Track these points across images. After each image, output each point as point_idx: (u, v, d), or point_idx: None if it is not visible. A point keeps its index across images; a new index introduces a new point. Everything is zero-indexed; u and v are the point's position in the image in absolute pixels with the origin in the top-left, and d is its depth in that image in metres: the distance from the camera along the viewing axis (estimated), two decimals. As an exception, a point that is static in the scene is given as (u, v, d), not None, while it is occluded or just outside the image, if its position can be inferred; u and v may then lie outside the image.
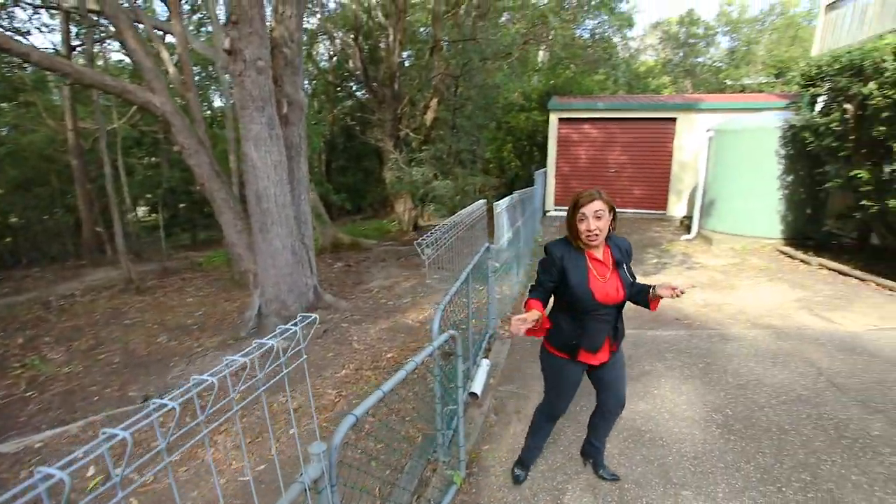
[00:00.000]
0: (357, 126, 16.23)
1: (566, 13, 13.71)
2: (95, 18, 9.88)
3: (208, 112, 16.68)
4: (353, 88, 19.18)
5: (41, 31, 12.95)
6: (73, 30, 12.08)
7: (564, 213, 2.15)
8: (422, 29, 15.41)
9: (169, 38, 9.99)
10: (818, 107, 7.13)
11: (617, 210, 2.01)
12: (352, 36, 13.73)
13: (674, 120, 11.48)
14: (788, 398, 3.22)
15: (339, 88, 18.78)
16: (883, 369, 3.56)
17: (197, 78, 14.45)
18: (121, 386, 4.74)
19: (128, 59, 11.16)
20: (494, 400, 3.46)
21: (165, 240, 12.25)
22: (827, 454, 2.62)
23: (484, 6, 13.10)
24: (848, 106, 6.11)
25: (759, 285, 5.94)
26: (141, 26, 7.47)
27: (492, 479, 2.60)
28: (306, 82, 17.19)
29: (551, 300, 2.18)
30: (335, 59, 17.65)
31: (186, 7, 13.75)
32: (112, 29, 6.03)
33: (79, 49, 12.19)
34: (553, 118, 12.26)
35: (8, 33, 10.83)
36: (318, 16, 14.86)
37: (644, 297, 2.09)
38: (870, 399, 3.15)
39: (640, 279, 2.16)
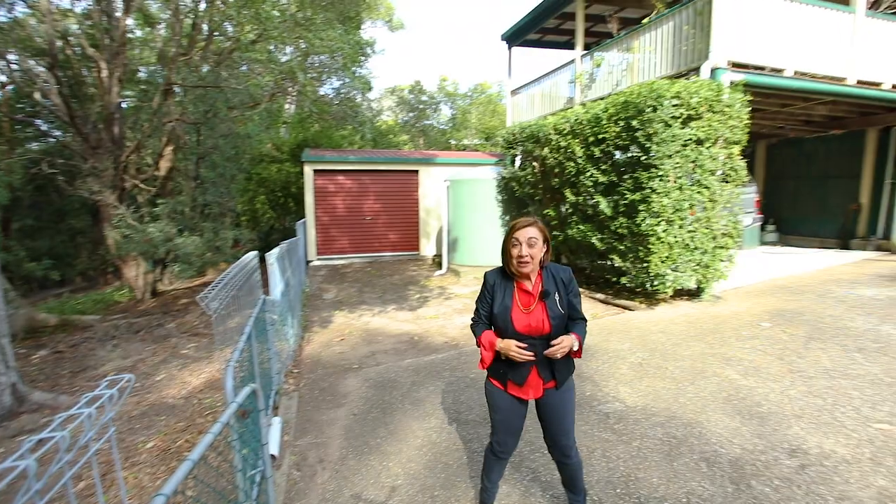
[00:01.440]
0: (60, 175, 12.89)
1: (312, 69, 14.34)
2: None
3: None
4: (46, 128, 15.25)
5: None
6: None
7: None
8: (150, 68, 13.62)
9: None
10: (517, 163, 9.44)
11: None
12: (43, 63, 11.02)
13: (416, 172, 13.21)
14: (535, 385, 4.10)
15: (19, 126, 14.65)
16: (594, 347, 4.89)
17: None
18: None
19: None
20: (294, 455, 3.27)
21: None
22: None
23: (223, 53, 12.52)
24: (535, 164, 8.32)
25: (499, 303, 7.30)
26: None
27: (309, 536, 2.45)
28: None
29: None
30: (11, 87, 13.76)
31: None
32: None
33: None
34: (308, 170, 12.47)
35: None
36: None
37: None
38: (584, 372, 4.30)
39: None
